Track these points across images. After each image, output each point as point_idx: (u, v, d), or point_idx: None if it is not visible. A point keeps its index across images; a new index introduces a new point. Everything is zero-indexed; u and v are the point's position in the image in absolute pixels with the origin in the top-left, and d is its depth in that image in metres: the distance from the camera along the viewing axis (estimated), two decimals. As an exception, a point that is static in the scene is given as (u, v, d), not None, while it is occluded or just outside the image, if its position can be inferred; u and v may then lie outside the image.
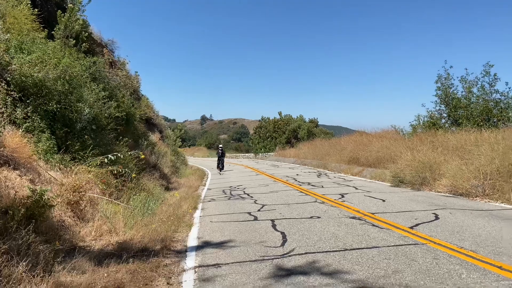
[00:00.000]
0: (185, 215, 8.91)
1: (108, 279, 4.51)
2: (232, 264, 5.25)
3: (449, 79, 19.71)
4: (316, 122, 52.30)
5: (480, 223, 7.10)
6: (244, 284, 4.41)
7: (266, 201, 11.01)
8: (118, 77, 14.50)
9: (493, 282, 4.15)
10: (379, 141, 20.00)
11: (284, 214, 8.74)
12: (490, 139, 12.20)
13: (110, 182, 8.47)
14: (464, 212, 8.22)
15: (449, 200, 9.83)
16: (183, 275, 4.95)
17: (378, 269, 4.74)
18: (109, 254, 5.49)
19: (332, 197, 11.10)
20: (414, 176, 12.50)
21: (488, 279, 4.27)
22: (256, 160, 43.46)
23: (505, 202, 9.15)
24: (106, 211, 7.27)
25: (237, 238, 6.72)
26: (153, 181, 12.63)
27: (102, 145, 9.73)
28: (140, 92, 20.29)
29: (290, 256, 5.49)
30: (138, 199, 8.58)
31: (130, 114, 13.23)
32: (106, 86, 11.95)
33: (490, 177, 10.11)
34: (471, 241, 5.85)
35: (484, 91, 19.01)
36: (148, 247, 5.93)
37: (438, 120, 19.83)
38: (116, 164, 8.44)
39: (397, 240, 6.06)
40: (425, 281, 4.27)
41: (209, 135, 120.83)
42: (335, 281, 4.37)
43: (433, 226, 6.98)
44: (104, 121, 10.67)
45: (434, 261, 4.97)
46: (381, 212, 8.50)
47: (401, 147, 15.82)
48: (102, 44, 16.56)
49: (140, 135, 15.17)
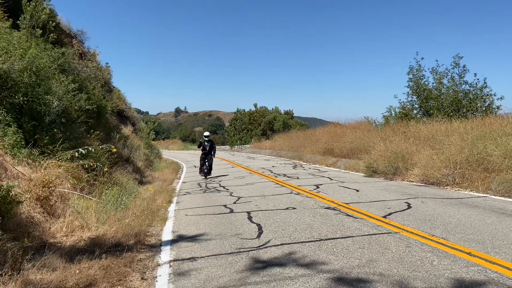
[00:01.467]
0: (160, 209, 8.78)
1: (80, 275, 4.39)
2: (208, 257, 5.20)
3: (421, 71, 20.10)
4: (292, 114, 52.61)
5: (450, 211, 7.29)
6: (220, 277, 4.38)
7: (242, 193, 10.99)
8: (88, 69, 14.09)
9: (463, 268, 4.26)
10: (352, 132, 20.25)
11: (260, 206, 8.74)
12: (459, 129, 12.53)
13: (82, 176, 8.26)
14: (435, 200, 8.43)
15: (421, 189, 10.05)
16: (158, 270, 4.87)
17: (353, 258, 4.79)
18: (81, 250, 5.35)
19: (308, 188, 11.18)
20: (387, 166, 12.72)
21: (458, 265, 4.38)
22: (232, 152, 43.36)
23: (474, 190, 9.43)
24: (77, 206, 7.08)
25: (213, 231, 6.67)
26: (126, 175, 12.40)
27: (72, 139, 9.45)
28: (111, 84, 19.85)
29: (266, 247, 5.49)
30: (111, 193, 8.39)
31: (101, 107, 12.91)
32: (75, 78, 11.60)
33: (460, 166, 10.39)
34: (442, 229, 6.00)
35: (454, 83, 19.49)
36: (122, 242, 5.81)
37: (410, 111, 20.23)
38: (87, 158, 8.23)
39: (371, 230, 6.15)
40: (398, 269, 4.34)
41: (184, 127, 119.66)
42: (310, 272, 4.39)
43: (406, 215, 7.13)
44: (74, 114, 10.36)
45: (407, 249, 5.07)
46: (355, 202, 8.62)
47: (374, 138, 16.07)
48: (71, 35, 16.06)
49: (112, 128, 14.85)
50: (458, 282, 3.87)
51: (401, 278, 4.06)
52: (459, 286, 3.79)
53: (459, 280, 3.92)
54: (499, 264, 4.33)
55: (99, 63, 17.52)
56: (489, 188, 9.14)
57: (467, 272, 4.14)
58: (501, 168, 9.33)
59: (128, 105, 22.27)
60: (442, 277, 4.02)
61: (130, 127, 20.62)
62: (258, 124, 53.07)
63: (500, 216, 6.71)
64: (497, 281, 3.87)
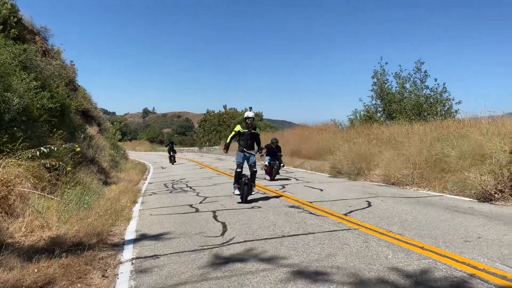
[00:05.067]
0: (124, 209, 8.70)
1: (38, 274, 4.33)
2: (171, 254, 5.23)
3: (385, 75, 20.75)
4: (261, 116, 52.88)
5: (408, 209, 7.60)
6: (181, 273, 4.42)
7: (209, 193, 11.02)
8: (52, 67, 13.71)
9: (415, 261, 4.49)
10: (319, 134, 20.66)
11: (226, 205, 8.81)
12: (419, 131, 13.05)
13: (43, 176, 8.07)
14: (395, 199, 8.76)
15: (381, 189, 10.40)
16: (120, 267, 4.86)
17: (313, 253, 4.95)
18: (40, 250, 5.25)
19: (274, 188, 11.34)
20: (350, 167, 13.08)
21: (411, 258, 4.61)
22: (201, 154, 43.19)
23: (431, 189, 9.85)
24: (38, 206, 6.92)
25: (177, 230, 6.69)
26: (90, 175, 12.16)
27: (34, 138, 9.20)
28: (76, 83, 19.39)
29: (229, 244, 5.56)
30: (73, 193, 8.24)
31: (65, 106, 12.60)
32: (38, 76, 11.29)
33: (419, 167, 10.83)
34: (398, 226, 6.26)
35: (416, 87, 20.26)
36: (83, 241, 5.74)
37: (374, 114, 20.85)
38: (49, 157, 8.04)
39: (332, 226, 6.35)
40: (355, 263, 4.52)
41: (152, 128, 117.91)
42: (271, 266, 4.51)
43: (366, 212, 7.38)
44: (36, 113, 10.09)
45: (365, 244, 5.27)
46: (319, 201, 8.83)
47: (340, 140, 16.47)
48: (33, 31, 15.59)
49: (76, 128, 14.51)
50: (409, 274, 4.08)
51: (356, 270, 4.23)
52: (410, 277, 3.99)
53: (411, 272, 4.13)
54: (448, 256, 4.59)
55: (63, 61, 17.07)
56: (445, 188, 9.57)
57: (418, 265, 4.36)
58: (456, 168, 9.79)
59: (93, 105, 21.77)
60: (395, 269, 4.22)
61: (95, 127, 20.19)
62: (227, 126, 53.07)
63: (453, 213, 7.06)
64: (445, 271, 4.10)
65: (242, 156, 9.14)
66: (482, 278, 3.86)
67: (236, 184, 9.28)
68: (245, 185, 8.87)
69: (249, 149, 9.19)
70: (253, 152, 9.27)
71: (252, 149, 9.29)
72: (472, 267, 4.18)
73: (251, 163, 9.21)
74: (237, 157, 9.20)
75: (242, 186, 8.95)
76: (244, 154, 9.17)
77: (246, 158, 9.18)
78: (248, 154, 9.18)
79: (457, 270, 4.12)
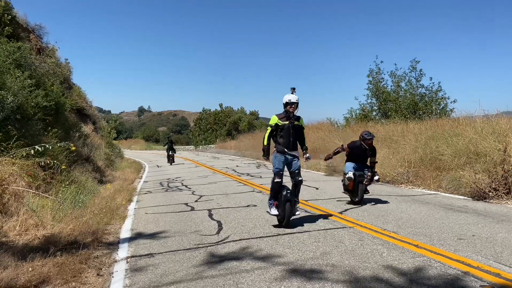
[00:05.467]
0: (119, 208, 8.68)
1: (32, 273, 4.32)
2: (166, 253, 5.22)
3: (380, 74, 20.80)
4: (257, 115, 52.87)
5: (403, 207, 7.64)
6: (176, 272, 4.42)
7: (204, 192, 11.01)
8: (47, 65, 13.65)
9: (410, 259, 4.51)
10: (315, 132, 20.66)
11: (221, 204, 8.81)
12: (414, 130, 13.10)
13: (38, 174, 8.03)
14: (390, 197, 8.79)
15: (377, 187, 10.42)
16: (114, 266, 4.85)
17: (308, 251, 4.96)
18: (35, 249, 5.24)
19: (270, 186, 11.32)
20: (346, 166, 13.09)
21: (405, 256, 4.63)
22: (197, 152, 43.14)
23: (426, 188, 9.89)
24: (32, 204, 6.89)
25: (172, 229, 6.68)
26: (85, 174, 12.12)
27: (28, 136, 9.15)
28: (71, 81, 19.31)
29: (224, 243, 5.57)
30: (68, 191, 8.21)
31: (60, 104, 12.54)
32: (32, 74, 11.23)
33: (414, 165, 10.87)
34: (393, 224, 6.28)
35: (411, 86, 20.32)
36: (78, 240, 5.72)
37: (369, 113, 20.90)
38: (44, 156, 8.02)
39: (327, 225, 6.37)
40: (350, 260, 4.53)
41: (147, 127, 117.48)
42: (266, 264, 4.51)
43: (361, 211, 7.41)
44: (30, 111, 10.03)
45: (359, 242, 5.29)
46: (314, 199, 8.85)
47: (335, 138, 16.51)
48: (28, 29, 15.49)
49: (71, 126, 14.43)
50: (404, 272, 4.10)
51: (351, 268, 4.25)
52: (405, 275, 4.01)
53: (405, 270, 4.15)
54: (442, 254, 4.61)
55: (58, 59, 16.99)
56: (440, 186, 9.61)
57: (413, 262, 4.38)
58: (451, 166, 9.83)
59: (89, 103, 21.69)
60: (390, 267, 4.24)
61: (90, 125, 20.11)
62: (223, 124, 53.05)
63: (447, 211, 7.09)
64: (440, 269, 4.12)
65: (283, 160, 6.54)
66: (476, 276, 3.88)
67: (272, 199, 6.60)
68: (287, 201, 6.33)
69: (291, 149, 6.57)
70: (296, 153, 6.67)
71: (295, 149, 6.66)
72: (466, 265, 4.20)
73: (294, 169, 6.59)
74: (275, 161, 6.57)
75: (282, 204, 6.38)
76: (285, 157, 6.54)
77: (288, 162, 6.58)
78: (291, 157, 6.56)
79: (451, 268, 4.14)
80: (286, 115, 6.54)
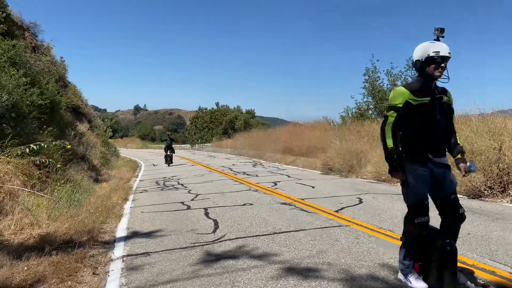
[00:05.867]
0: (115, 206, 8.65)
1: (28, 272, 4.30)
2: (162, 252, 5.21)
3: (376, 72, 20.84)
4: (253, 113, 52.83)
5: (398, 206, 7.65)
6: (173, 270, 4.42)
7: (201, 190, 11.00)
8: (42, 63, 13.58)
9: (405, 257, 4.52)
10: (311, 131, 20.71)
11: (217, 203, 8.80)
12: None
13: (33, 173, 8.00)
14: (386, 196, 8.81)
15: (373, 186, 10.47)
16: (110, 265, 4.84)
17: (304, 250, 4.97)
18: (30, 248, 5.21)
19: (266, 185, 11.35)
20: (342, 164, 13.12)
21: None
22: (193, 151, 43.08)
23: (421, 186, 9.90)
24: (27, 203, 6.85)
25: (168, 227, 6.67)
26: (81, 172, 12.08)
27: (23, 135, 9.11)
28: (66, 79, 19.22)
29: (221, 241, 5.56)
30: (63, 190, 8.18)
31: (55, 102, 12.48)
32: (27, 72, 11.16)
33: (409, 164, 10.88)
34: (389, 222, 6.30)
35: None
36: (74, 239, 5.70)
37: (365, 111, 20.94)
38: (39, 154, 7.98)
39: (323, 223, 6.38)
40: (346, 259, 4.54)
41: (143, 125, 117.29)
42: (263, 263, 4.51)
43: (357, 209, 7.42)
44: (25, 109, 9.97)
45: (356, 240, 5.30)
46: (311, 198, 8.86)
47: (331, 137, 16.51)
48: (23, 27, 15.40)
49: (66, 125, 14.37)
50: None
51: (347, 267, 4.26)
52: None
53: (401, 268, 4.16)
54: (438, 252, 4.63)
55: (53, 57, 16.91)
56: (435, 184, 9.64)
57: (408, 260, 4.39)
58: (446, 165, 9.86)
59: (84, 102, 21.61)
60: (386, 266, 4.25)
61: (86, 124, 20.03)
62: (219, 123, 53.00)
63: (443, 209, 7.11)
64: (435, 267, 4.14)
65: (427, 178, 3.51)
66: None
67: (409, 255, 3.65)
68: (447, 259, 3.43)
69: (440, 152, 3.58)
70: (446, 159, 3.63)
71: (445, 153, 3.63)
72: (461, 263, 4.21)
73: (449, 190, 3.61)
74: (411, 182, 3.48)
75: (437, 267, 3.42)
76: (430, 170, 3.51)
77: (437, 179, 3.53)
78: (439, 168, 3.54)
79: (446, 266, 4.16)
80: (425, 84, 3.50)
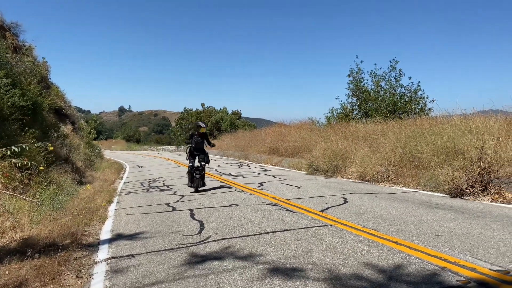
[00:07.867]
0: (99, 209, 8.56)
1: (9, 276, 4.22)
2: (147, 253, 5.18)
3: (360, 73, 21.03)
4: (239, 114, 52.73)
5: (382, 205, 7.74)
6: (158, 272, 4.39)
7: (186, 192, 10.95)
8: (23, 64, 13.33)
9: (389, 255, 4.58)
10: (297, 132, 20.78)
11: (203, 204, 8.78)
12: (394, 129, 13.28)
13: (14, 176, 7.86)
14: (370, 196, 8.90)
15: (357, 186, 10.56)
16: (94, 268, 4.78)
17: (289, 250, 4.99)
18: (12, 251, 5.12)
19: (252, 185, 11.36)
20: (327, 164, 13.21)
21: (385, 253, 4.70)
22: (178, 152, 42.80)
23: (405, 186, 10.05)
24: (9, 206, 6.73)
25: (153, 229, 6.62)
26: (64, 174, 11.90)
27: (4, 137, 8.95)
28: (49, 81, 18.92)
29: (206, 242, 5.55)
30: (46, 193, 8.05)
31: (38, 104, 12.28)
32: (8, 73, 10.96)
33: (393, 164, 11.03)
34: (373, 221, 6.37)
35: (391, 85, 20.62)
36: (57, 242, 5.62)
37: (350, 112, 21.12)
38: (21, 156, 7.84)
39: (308, 223, 6.41)
40: (330, 258, 4.58)
41: (128, 127, 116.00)
42: (248, 264, 4.52)
43: (342, 209, 7.48)
44: (6, 111, 9.80)
45: (340, 240, 5.35)
46: (296, 198, 8.90)
47: (317, 137, 16.62)
48: (4, 27, 15.10)
49: (49, 126, 14.16)
50: (383, 268, 4.16)
51: (332, 266, 4.29)
52: (384, 271, 4.07)
53: (385, 266, 4.22)
54: (421, 250, 4.70)
55: (35, 58, 16.62)
56: (419, 184, 9.78)
57: (392, 259, 4.45)
58: (430, 164, 10.02)
59: (67, 103, 21.30)
60: (370, 265, 4.30)
61: (69, 125, 19.74)
62: (205, 125, 52.75)
63: (426, 208, 7.23)
64: (418, 265, 4.20)
65: None
66: (452, 271, 3.97)
67: None
68: None
69: None
70: None
71: None
72: (443, 260, 4.29)
73: None
74: None
75: None
76: None
77: None
78: None
79: (429, 264, 4.23)
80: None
